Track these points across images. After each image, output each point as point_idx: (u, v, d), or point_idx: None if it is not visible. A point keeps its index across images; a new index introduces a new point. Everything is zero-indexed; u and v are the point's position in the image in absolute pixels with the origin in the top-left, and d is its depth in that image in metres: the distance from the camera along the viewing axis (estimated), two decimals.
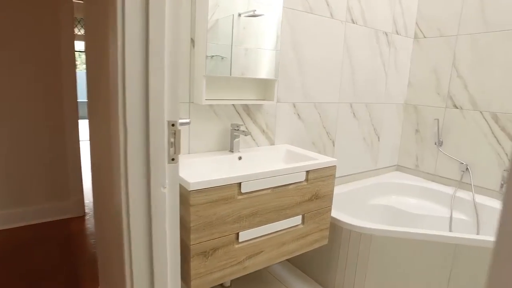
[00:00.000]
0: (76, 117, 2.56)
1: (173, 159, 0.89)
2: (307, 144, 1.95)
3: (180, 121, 0.91)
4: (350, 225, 1.62)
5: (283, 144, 1.82)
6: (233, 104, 1.59)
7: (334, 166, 1.53)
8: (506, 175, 1.98)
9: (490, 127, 2.06)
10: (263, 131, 1.74)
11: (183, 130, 1.44)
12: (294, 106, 1.84)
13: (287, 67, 1.75)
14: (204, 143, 1.54)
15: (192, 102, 1.47)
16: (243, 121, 1.66)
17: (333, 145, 2.08)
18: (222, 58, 1.43)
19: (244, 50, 1.49)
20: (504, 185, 1.98)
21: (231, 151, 1.57)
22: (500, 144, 2.03)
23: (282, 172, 1.33)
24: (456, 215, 2.11)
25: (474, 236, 1.52)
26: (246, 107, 1.65)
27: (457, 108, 2.20)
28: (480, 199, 2.06)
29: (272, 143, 1.78)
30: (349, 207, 2.10)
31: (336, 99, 2.02)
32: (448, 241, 1.52)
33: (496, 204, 2.00)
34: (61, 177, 2.55)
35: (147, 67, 0.82)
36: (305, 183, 1.43)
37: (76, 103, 2.55)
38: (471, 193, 2.12)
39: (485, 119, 2.08)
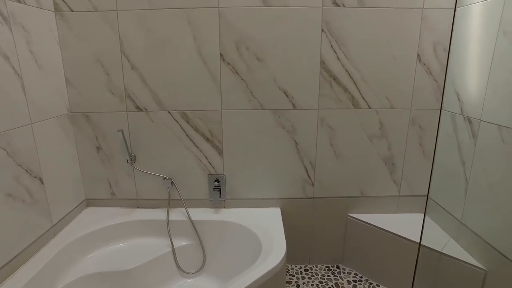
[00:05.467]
0: None
1: None
2: None
3: None
4: None
5: None
6: None
7: None
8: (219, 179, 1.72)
9: (183, 128, 1.70)
10: None
11: None
12: None
13: None
14: None
15: None
16: None
17: None
18: None
19: None
20: (213, 191, 1.67)
21: None
22: (197, 146, 1.72)
23: None
24: (178, 242, 1.68)
25: None
26: None
27: (141, 110, 1.67)
28: (194, 213, 1.73)
29: None
30: None
31: None
32: None
33: (210, 216, 1.74)
34: None
35: None
36: None
37: None
38: (184, 209, 1.75)
39: (176, 120, 1.68)
